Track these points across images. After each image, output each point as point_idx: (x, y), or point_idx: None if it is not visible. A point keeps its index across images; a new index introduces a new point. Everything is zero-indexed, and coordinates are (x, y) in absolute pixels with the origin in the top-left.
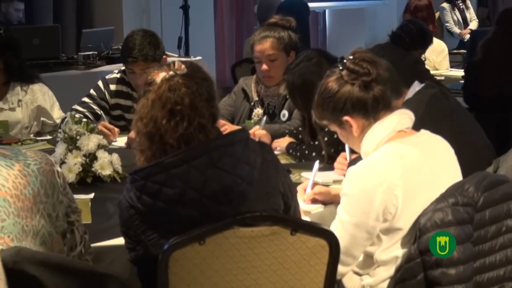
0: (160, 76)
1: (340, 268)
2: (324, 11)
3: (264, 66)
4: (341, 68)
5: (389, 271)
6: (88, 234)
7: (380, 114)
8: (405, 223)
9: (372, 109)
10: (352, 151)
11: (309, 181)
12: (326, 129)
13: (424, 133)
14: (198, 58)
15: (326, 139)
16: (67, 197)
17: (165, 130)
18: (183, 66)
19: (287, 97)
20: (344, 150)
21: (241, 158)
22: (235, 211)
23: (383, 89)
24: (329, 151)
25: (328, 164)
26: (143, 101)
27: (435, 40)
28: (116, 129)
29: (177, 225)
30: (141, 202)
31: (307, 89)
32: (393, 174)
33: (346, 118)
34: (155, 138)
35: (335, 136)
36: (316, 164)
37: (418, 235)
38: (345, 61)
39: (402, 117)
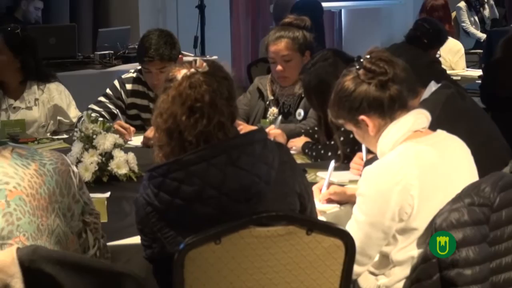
0: (181, 72)
1: (356, 268)
2: (340, 10)
3: (279, 67)
4: (357, 67)
5: (405, 271)
6: (105, 239)
7: (397, 113)
8: (421, 223)
9: (388, 108)
10: (368, 151)
11: (325, 181)
12: (342, 129)
13: (441, 133)
14: (214, 57)
15: (342, 138)
16: (83, 197)
17: (184, 126)
18: (204, 64)
19: (303, 96)
20: (360, 150)
21: (259, 158)
22: (252, 210)
23: (400, 88)
24: (345, 151)
25: (344, 164)
26: (163, 97)
27: (451, 40)
28: (132, 128)
29: (194, 222)
30: (158, 199)
31: (323, 89)
32: (409, 174)
33: (362, 117)
34: (174, 134)
35: (351, 135)
36: (332, 164)
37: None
38: (362, 60)
39: (419, 117)
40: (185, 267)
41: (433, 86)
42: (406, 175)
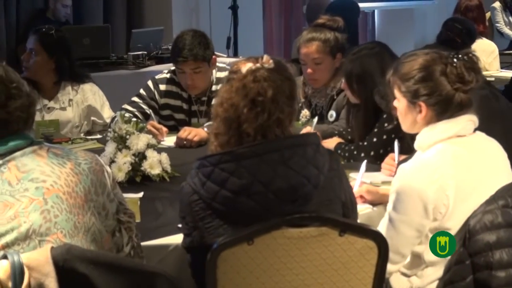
0: (246, 66)
1: (389, 267)
2: (373, 11)
3: (309, 70)
4: (450, 61)
5: (438, 272)
6: (139, 238)
7: (453, 116)
8: (455, 223)
9: (450, 111)
10: (400, 152)
11: (356, 181)
12: (376, 130)
13: (478, 134)
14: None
15: (375, 139)
16: (117, 196)
17: (245, 118)
18: (271, 60)
19: (334, 97)
20: (392, 150)
21: (310, 161)
22: (296, 212)
23: (470, 98)
24: (377, 152)
25: (376, 165)
26: (226, 87)
27: (485, 40)
28: (165, 129)
29: (237, 215)
30: (205, 188)
31: (365, 78)
32: (445, 174)
33: (421, 104)
34: (232, 124)
35: (385, 137)
36: (364, 164)
37: (467, 237)
38: (457, 56)
39: (468, 123)
40: (218, 267)
41: None
42: (443, 175)
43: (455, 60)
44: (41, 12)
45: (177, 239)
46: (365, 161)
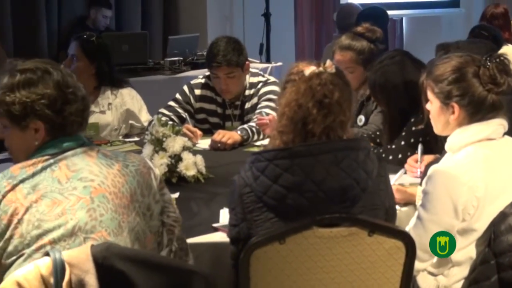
0: (309, 68)
1: (417, 264)
2: (401, 18)
3: None
4: (482, 63)
5: (464, 271)
6: (182, 243)
7: (485, 118)
8: (481, 224)
9: (482, 113)
10: (423, 153)
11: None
12: (404, 134)
13: (507, 139)
14: (279, 63)
15: (403, 143)
16: (163, 198)
17: (313, 119)
18: (333, 66)
19: (364, 103)
20: (417, 152)
21: (361, 165)
22: (343, 212)
23: (501, 99)
24: (405, 154)
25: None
26: (292, 88)
27: (510, 47)
28: (199, 132)
29: (287, 210)
30: (258, 182)
31: (388, 87)
32: (475, 176)
33: (454, 105)
34: (298, 124)
35: (412, 140)
36: (402, 171)
37: (493, 237)
38: (490, 58)
39: (498, 127)
40: (250, 265)
41: None
42: (473, 177)
43: (488, 62)
44: (81, 20)
45: (212, 238)
46: (403, 169)
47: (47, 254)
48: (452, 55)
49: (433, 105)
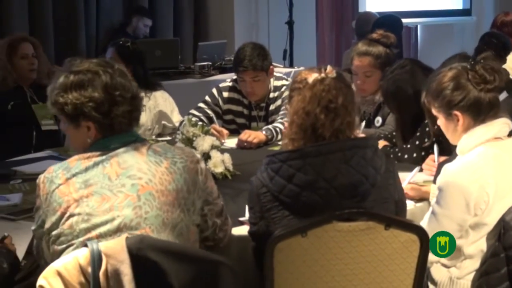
0: (312, 76)
1: (431, 257)
2: (416, 26)
3: (359, 81)
4: (469, 68)
5: (475, 264)
6: (223, 219)
7: (487, 118)
8: (492, 219)
9: (483, 113)
10: (439, 154)
11: (405, 181)
12: (418, 134)
13: None
14: (301, 68)
15: (417, 143)
16: (206, 192)
17: (321, 124)
18: (333, 70)
19: (381, 105)
20: (433, 152)
21: (369, 162)
22: (354, 208)
23: (497, 96)
24: (420, 154)
25: (418, 165)
26: (298, 97)
27: None
28: (225, 132)
29: (301, 207)
30: (273, 182)
31: (399, 95)
32: (486, 173)
33: (457, 113)
34: (308, 130)
35: (426, 140)
36: (416, 169)
37: (502, 232)
38: (474, 62)
39: (503, 126)
40: (274, 257)
41: (502, 96)
42: (484, 174)
43: (474, 65)
44: (122, 27)
45: (239, 231)
46: (418, 167)
47: (85, 245)
48: (442, 70)
49: (439, 120)
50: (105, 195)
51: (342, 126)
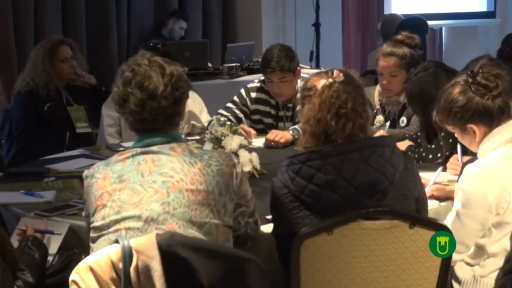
0: (320, 82)
1: (454, 256)
2: (441, 28)
3: (385, 81)
4: (470, 81)
5: (499, 262)
6: (254, 216)
7: (501, 121)
8: None
9: (496, 118)
10: (463, 153)
11: (430, 182)
12: (443, 134)
13: None
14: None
15: (441, 143)
16: (239, 195)
17: (333, 130)
18: (340, 74)
19: (406, 106)
20: (456, 152)
21: (387, 160)
22: (374, 205)
23: (506, 99)
24: (445, 152)
25: (442, 165)
26: (309, 105)
27: None
28: (253, 132)
29: (322, 207)
30: (294, 183)
31: (423, 97)
32: (507, 173)
33: (471, 126)
34: (321, 137)
35: (450, 140)
36: (440, 169)
37: None
38: (473, 74)
39: None
40: (301, 254)
41: None
42: (505, 174)
43: (475, 77)
44: (156, 29)
45: (266, 228)
46: (441, 167)
47: (116, 241)
48: (445, 89)
49: (457, 134)
50: (136, 190)
51: (354, 130)
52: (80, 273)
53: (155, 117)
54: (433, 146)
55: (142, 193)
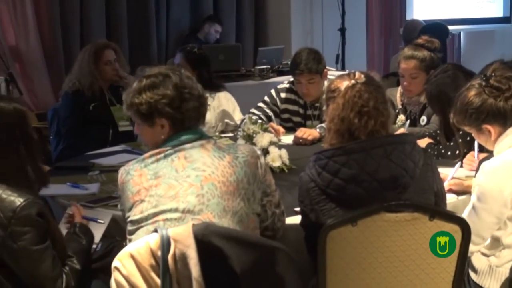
0: (343, 84)
1: (471, 247)
2: (459, 33)
3: (406, 82)
4: (484, 84)
5: None
6: (280, 210)
7: None
8: None
9: (509, 118)
10: (480, 151)
11: (448, 176)
12: (460, 133)
13: None
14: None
15: (460, 140)
16: (265, 183)
17: (356, 127)
18: (362, 75)
19: (426, 105)
20: (474, 149)
21: (408, 156)
22: (395, 199)
23: None
24: (462, 151)
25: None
26: (333, 105)
27: None
28: (282, 130)
29: (347, 200)
30: (321, 177)
31: (442, 97)
32: None
33: (486, 126)
34: (345, 135)
35: (468, 138)
36: (458, 165)
37: None
38: (486, 78)
39: None
40: (327, 244)
41: None
42: None
43: (488, 80)
44: (192, 33)
45: (294, 220)
46: (459, 163)
47: (155, 231)
48: (460, 92)
49: (473, 134)
50: (172, 184)
51: (376, 126)
52: (121, 260)
53: (189, 116)
54: (451, 144)
55: (177, 187)
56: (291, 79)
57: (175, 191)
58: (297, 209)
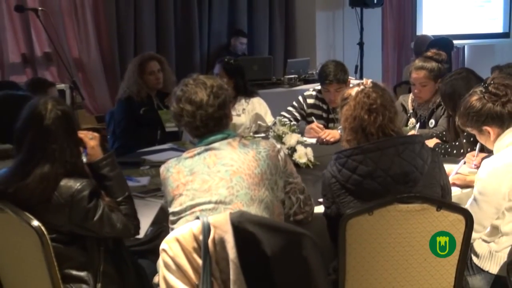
0: (354, 90)
1: (473, 234)
2: (464, 46)
3: (416, 90)
4: (484, 90)
5: (511, 240)
6: (306, 194)
7: (511, 124)
8: None
9: (506, 121)
10: (480, 151)
11: (453, 172)
12: (465, 133)
13: None
14: (370, 80)
15: (464, 140)
16: (286, 173)
17: (367, 123)
18: (369, 81)
19: (434, 110)
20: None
21: (418, 154)
22: (407, 192)
23: None
24: (466, 150)
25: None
26: (346, 107)
27: None
28: (321, 127)
29: (364, 193)
30: (341, 173)
31: (455, 96)
32: None
33: (485, 127)
34: (358, 131)
35: (472, 139)
36: (462, 162)
37: None
38: (486, 85)
39: None
40: (347, 231)
41: None
42: None
43: (487, 87)
44: (226, 47)
45: (318, 209)
46: (463, 160)
47: (197, 218)
48: (464, 98)
49: (477, 136)
50: (205, 179)
51: (384, 121)
52: (168, 243)
53: (205, 123)
54: (456, 143)
55: (210, 181)
56: (316, 87)
57: (208, 185)
58: (321, 199)
